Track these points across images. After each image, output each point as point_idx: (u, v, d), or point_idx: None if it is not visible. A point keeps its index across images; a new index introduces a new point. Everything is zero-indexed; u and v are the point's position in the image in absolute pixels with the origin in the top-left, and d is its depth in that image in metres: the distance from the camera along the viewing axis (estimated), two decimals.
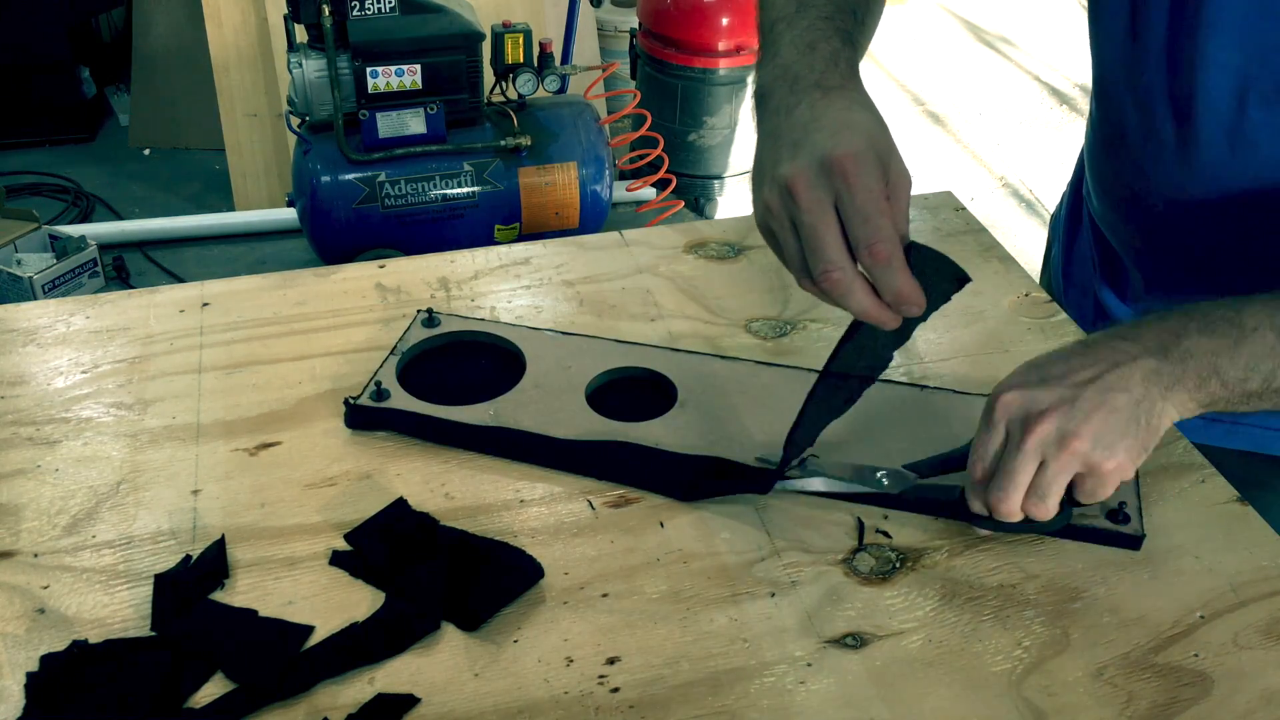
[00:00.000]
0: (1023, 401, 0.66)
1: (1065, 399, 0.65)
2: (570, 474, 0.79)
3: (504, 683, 0.64)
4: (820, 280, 0.64)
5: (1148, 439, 0.66)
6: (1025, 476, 0.66)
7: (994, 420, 0.67)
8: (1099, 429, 0.64)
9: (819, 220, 0.63)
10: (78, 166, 3.28)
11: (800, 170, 0.63)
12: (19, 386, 0.88)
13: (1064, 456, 0.64)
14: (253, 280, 1.01)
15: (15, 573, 0.71)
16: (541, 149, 2.44)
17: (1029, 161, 3.48)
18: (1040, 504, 0.66)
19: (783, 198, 0.64)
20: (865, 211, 0.62)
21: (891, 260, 0.62)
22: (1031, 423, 0.65)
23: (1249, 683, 0.64)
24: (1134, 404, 0.65)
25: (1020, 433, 0.65)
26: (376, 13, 2.25)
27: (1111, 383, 0.65)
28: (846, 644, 0.67)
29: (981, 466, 0.68)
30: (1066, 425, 0.64)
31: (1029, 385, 0.66)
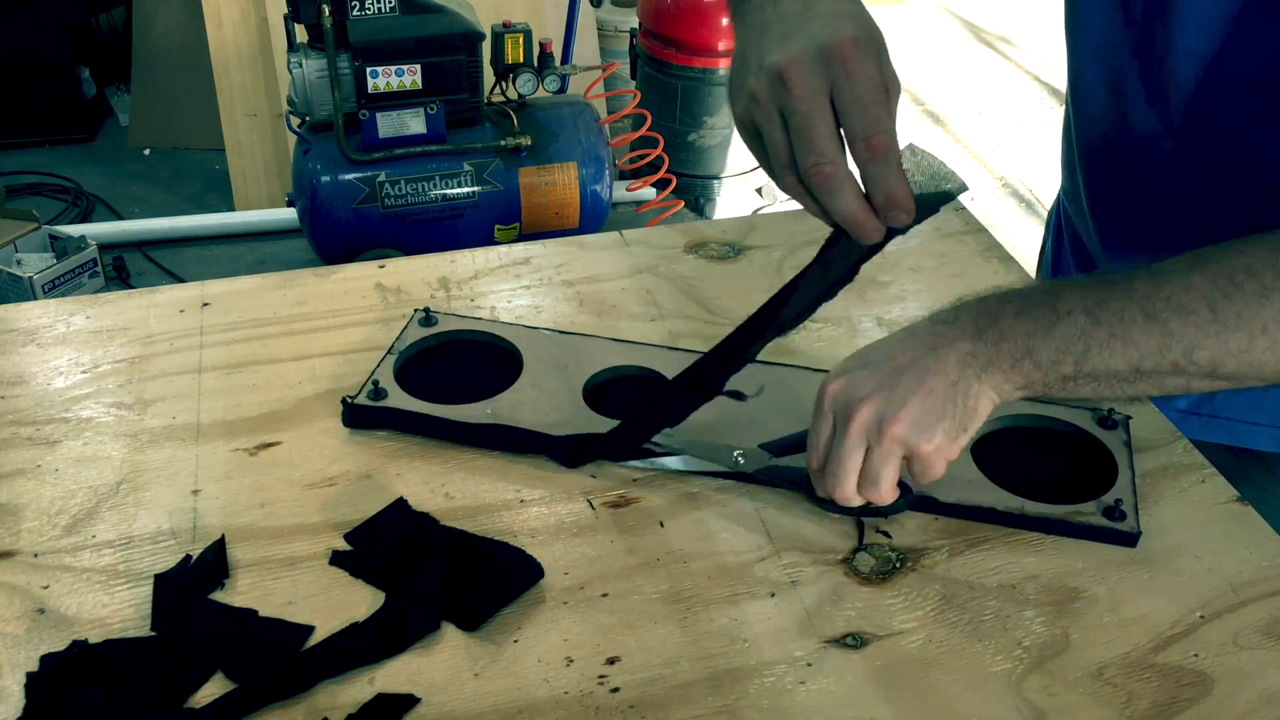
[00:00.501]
0: (845, 389, 0.68)
1: (884, 385, 0.67)
2: (570, 473, 0.79)
3: (504, 683, 0.64)
4: (809, 174, 0.60)
5: (966, 419, 0.67)
6: (854, 463, 0.68)
7: (823, 409, 0.69)
8: (916, 413, 0.66)
9: (813, 108, 0.58)
10: (78, 166, 3.28)
11: (795, 57, 0.59)
12: (19, 386, 0.88)
13: (885, 442, 0.66)
14: (253, 280, 1.01)
15: (15, 573, 0.71)
16: (541, 149, 2.44)
17: (1029, 161, 3.48)
18: (874, 489, 0.69)
19: (773, 86, 0.60)
20: (865, 100, 0.58)
21: (888, 154, 0.60)
22: (853, 409, 0.67)
23: (1249, 683, 0.64)
24: (950, 385, 0.66)
25: (844, 421, 0.67)
26: (376, 13, 2.25)
27: (928, 366, 0.66)
28: (846, 644, 0.67)
29: (816, 455, 0.70)
30: (885, 410, 0.66)
31: (851, 371, 0.68)
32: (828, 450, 0.70)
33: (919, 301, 0.99)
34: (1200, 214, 0.82)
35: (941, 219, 1.12)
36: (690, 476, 0.79)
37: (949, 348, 0.67)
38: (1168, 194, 0.83)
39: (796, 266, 1.03)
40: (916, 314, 0.97)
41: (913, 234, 1.08)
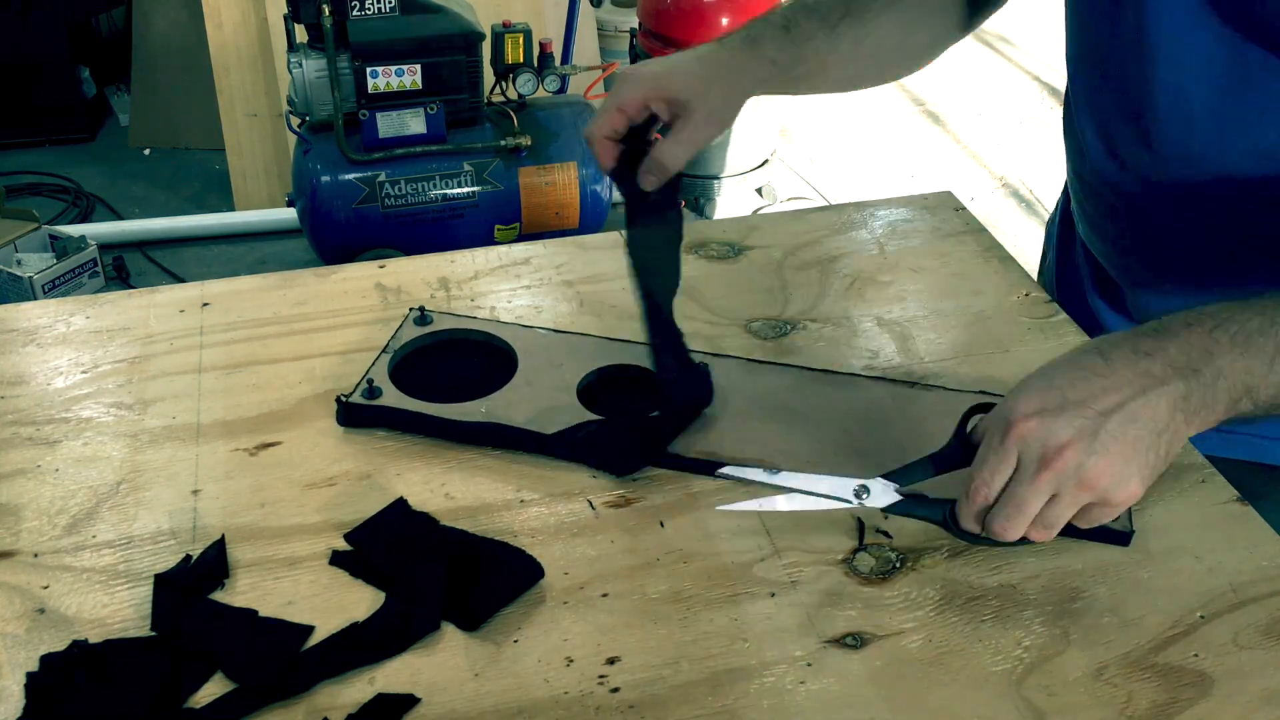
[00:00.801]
0: (1040, 432, 0.61)
1: (1086, 431, 0.61)
2: (569, 472, 0.79)
3: (504, 683, 0.64)
4: None
5: (1162, 465, 0.63)
6: (1035, 508, 0.63)
7: (1006, 449, 0.63)
8: (1117, 464, 0.61)
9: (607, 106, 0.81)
10: (78, 166, 3.28)
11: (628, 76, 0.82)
12: (19, 386, 0.88)
13: (1080, 492, 0.62)
14: (253, 280, 1.01)
15: (15, 573, 0.71)
16: (541, 149, 2.44)
17: (1029, 161, 3.47)
18: (1046, 532, 0.64)
19: None
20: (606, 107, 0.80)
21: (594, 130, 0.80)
22: (1050, 457, 0.61)
23: (1249, 683, 0.64)
24: (1157, 434, 0.61)
25: (1035, 465, 0.62)
26: (376, 13, 2.25)
27: (1136, 413, 0.61)
28: (846, 644, 0.67)
29: (986, 494, 0.64)
30: (1085, 461, 0.61)
31: (1047, 412, 0.62)
32: (1003, 489, 0.63)
33: (919, 301, 0.99)
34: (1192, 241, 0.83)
35: (941, 219, 1.12)
36: (690, 477, 0.79)
37: (1160, 390, 0.61)
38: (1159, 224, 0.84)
39: (797, 266, 1.04)
40: (916, 314, 0.97)
41: (913, 234, 1.09)
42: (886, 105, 3.89)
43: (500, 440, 0.80)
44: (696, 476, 0.79)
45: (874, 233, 1.10)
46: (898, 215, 1.13)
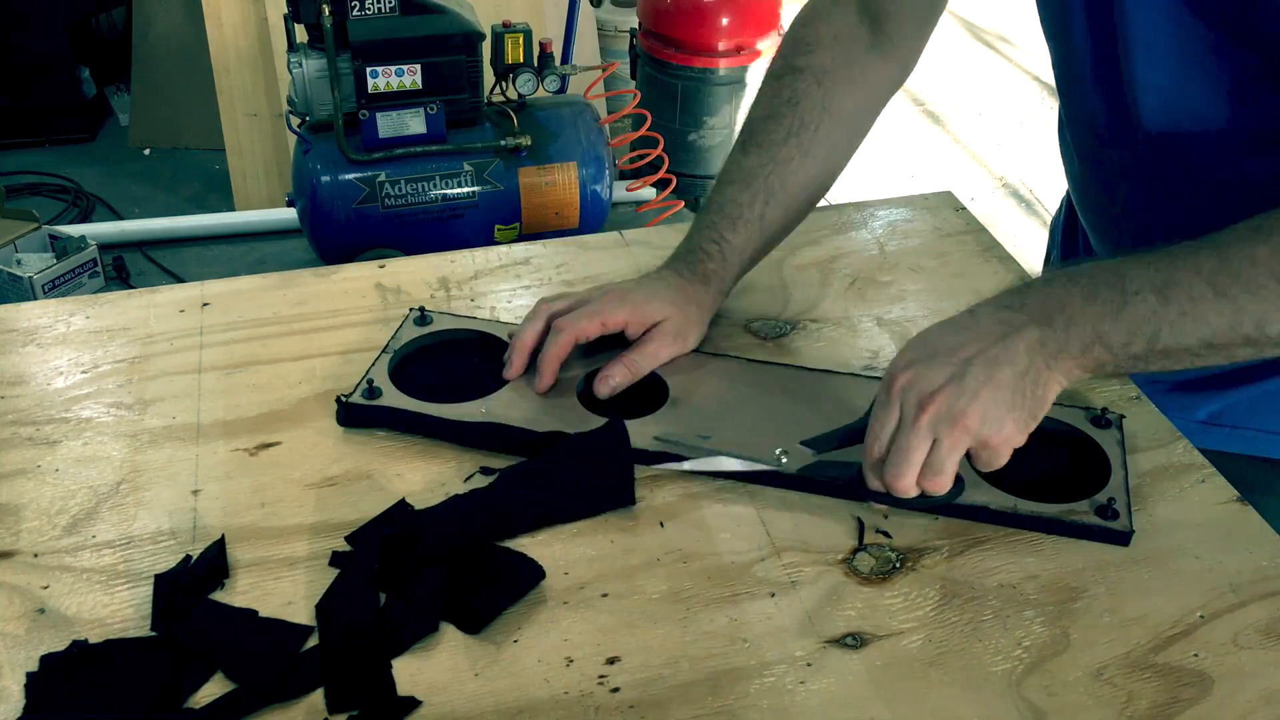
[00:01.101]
0: (914, 380, 0.69)
1: (954, 376, 0.67)
2: None
3: (504, 683, 0.64)
4: None
5: (1035, 408, 0.68)
6: (920, 454, 0.69)
7: (889, 400, 0.70)
8: (987, 405, 0.67)
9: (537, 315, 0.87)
10: (78, 166, 3.28)
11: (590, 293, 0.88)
12: (19, 386, 0.88)
13: (955, 434, 0.67)
14: (253, 280, 1.01)
15: (15, 573, 0.71)
16: (541, 149, 2.44)
17: (1029, 161, 3.48)
18: (936, 479, 0.69)
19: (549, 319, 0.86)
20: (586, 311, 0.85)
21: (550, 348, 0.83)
22: (924, 402, 0.68)
23: (1249, 683, 0.64)
24: (1019, 376, 0.67)
25: (914, 412, 0.68)
26: (376, 13, 2.25)
27: (997, 356, 0.67)
28: (846, 644, 0.67)
29: (878, 445, 0.70)
30: (956, 404, 0.67)
31: (919, 362, 0.69)
32: (891, 441, 0.70)
33: (919, 301, 0.99)
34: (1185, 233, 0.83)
35: (941, 219, 1.12)
36: (692, 477, 0.79)
37: (1017, 336, 0.67)
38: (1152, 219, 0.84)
39: (797, 266, 1.04)
40: (916, 314, 0.97)
41: (913, 234, 1.09)
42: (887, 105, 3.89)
43: (499, 441, 0.80)
44: (697, 476, 0.78)
45: (874, 233, 1.10)
46: (898, 215, 1.13)
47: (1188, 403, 0.90)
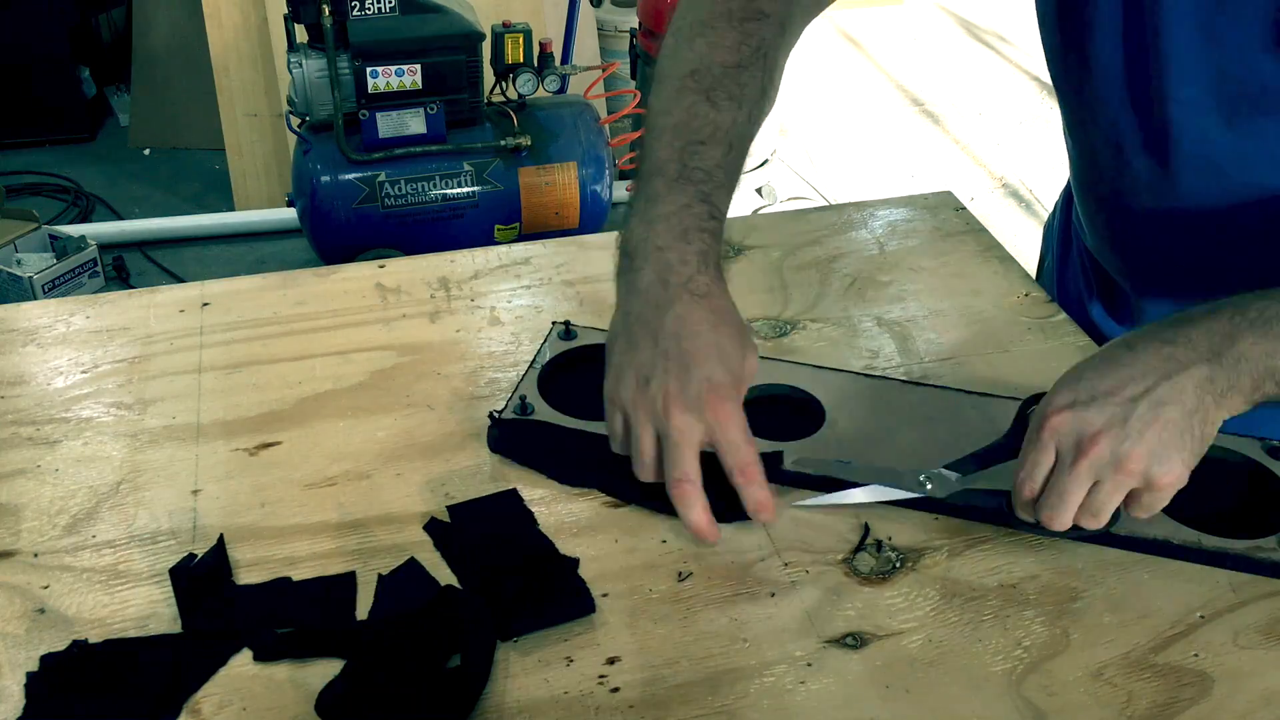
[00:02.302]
0: (1073, 424, 0.65)
1: (1117, 419, 0.64)
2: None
3: (504, 683, 0.64)
4: (672, 487, 0.71)
5: (1200, 447, 0.65)
6: (1078, 497, 0.66)
7: (1043, 442, 0.66)
8: (1153, 446, 0.64)
9: (685, 442, 0.70)
10: (78, 166, 3.28)
11: (675, 397, 0.70)
12: (19, 386, 0.88)
13: (1120, 477, 0.65)
14: (253, 280, 1.01)
15: (15, 573, 0.71)
16: (541, 149, 2.44)
17: (1029, 161, 3.48)
18: (1094, 519, 0.67)
19: (655, 414, 0.70)
20: (736, 445, 0.70)
21: (757, 478, 0.71)
22: (1084, 445, 0.64)
23: (1249, 683, 0.64)
24: (1187, 415, 0.64)
25: (1072, 455, 0.65)
26: (376, 13, 2.25)
27: (1164, 396, 0.64)
28: (846, 644, 0.66)
29: (1031, 487, 0.68)
30: (1120, 447, 0.64)
31: (1078, 405, 0.65)
32: (1046, 481, 0.67)
33: (919, 301, 0.99)
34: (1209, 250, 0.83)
35: (942, 219, 1.12)
36: None
37: (1184, 374, 0.64)
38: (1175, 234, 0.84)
39: (797, 266, 1.04)
40: (916, 314, 0.97)
41: (913, 234, 1.09)
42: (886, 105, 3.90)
43: None
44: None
45: (874, 233, 1.10)
46: (898, 215, 1.13)
47: None
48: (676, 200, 0.75)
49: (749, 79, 0.80)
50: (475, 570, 0.71)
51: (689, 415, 0.69)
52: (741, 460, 0.70)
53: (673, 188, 0.76)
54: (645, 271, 0.73)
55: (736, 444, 0.70)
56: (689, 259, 0.73)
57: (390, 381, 0.88)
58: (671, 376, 0.70)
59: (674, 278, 0.72)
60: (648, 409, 0.71)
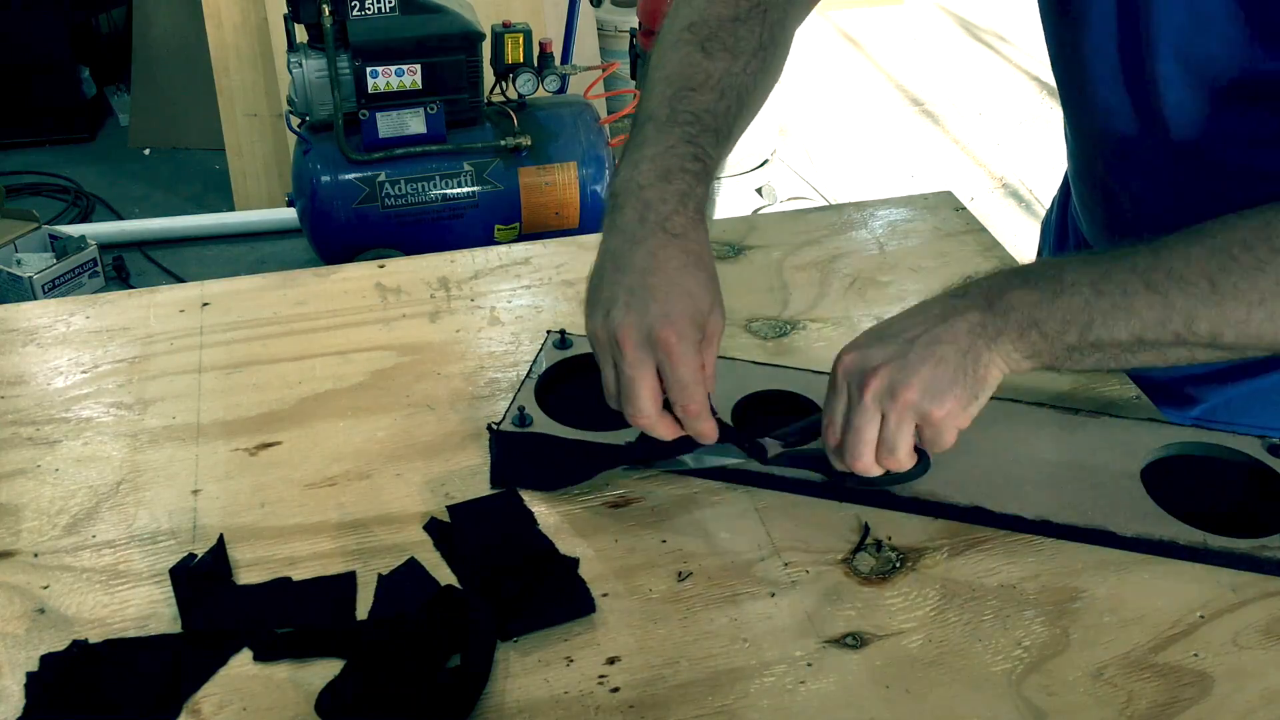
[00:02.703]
0: (858, 360, 0.70)
1: (896, 354, 0.69)
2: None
3: (504, 683, 0.64)
4: (629, 418, 0.72)
5: (976, 388, 0.69)
6: (871, 432, 0.70)
7: (837, 383, 0.71)
8: (927, 380, 0.68)
9: (638, 376, 0.70)
10: (78, 166, 3.28)
11: (629, 329, 0.70)
12: (19, 386, 0.88)
13: (898, 408, 0.68)
14: (253, 280, 1.01)
15: (15, 573, 0.71)
16: (541, 149, 2.44)
17: (1029, 161, 3.48)
18: (891, 456, 0.70)
19: (611, 344, 0.71)
20: (683, 382, 0.70)
21: (700, 414, 0.72)
22: (866, 379, 0.69)
23: (1249, 683, 0.64)
24: (960, 354, 0.68)
25: (859, 390, 0.69)
26: (376, 12, 2.25)
27: (939, 335, 0.69)
28: (846, 644, 0.67)
29: (834, 431, 0.72)
30: (897, 378, 0.68)
31: (863, 346, 0.71)
32: (844, 423, 0.71)
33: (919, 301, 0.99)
34: None
35: (942, 219, 1.12)
36: (691, 477, 0.79)
37: (959, 318, 0.69)
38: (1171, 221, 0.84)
39: (797, 266, 1.04)
40: None
41: (913, 234, 1.09)
42: (886, 105, 3.90)
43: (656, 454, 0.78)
44: (697, 477, 0.78)
45: (874, 233, 1.10)
46: (898, 215, 1.13)
47: (1181, 399, 0.90)
48: (662, 143, 0.75)
49: (745, 32, 0.81)
50: (475, 570, 0.71)
51: (641, 350, 0.70)
52: (686, 399, 0.71)
53: (661, 130, 0.76)
54: (626, 210, 0.74)
55: (684, 383, 0.70)
56: (668, 198, 0.73)
57: (390, 381, 0.88)
58: (631, 311, 0.70)
59: (652, 215, 0.73)
60: (606, 341, 0.71)
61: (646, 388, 0.70)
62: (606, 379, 0.73)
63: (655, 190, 0.74)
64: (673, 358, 0.69)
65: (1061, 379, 0.88)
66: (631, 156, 0.76)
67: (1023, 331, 0.68)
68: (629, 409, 0.71)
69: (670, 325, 0.69)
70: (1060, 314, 0.67)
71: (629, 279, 0.71)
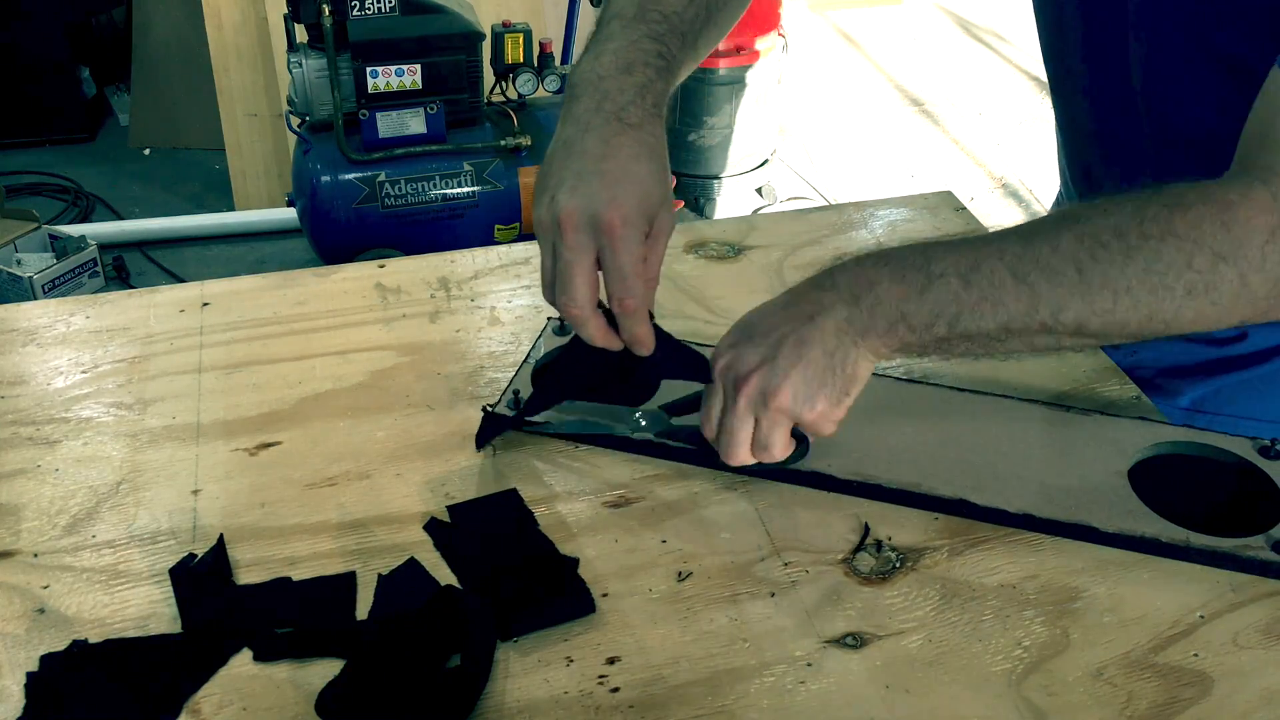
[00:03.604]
0: (732, 362, 0.70)
1: (767, 357, 0.69)
2: (569, 473, 0.79)
3: (504, 682, 0.64)
4: (560, 309, 0.71)
5: (847, 385, 0.70)
6: (745, 434, 0.71)
7: (714, 383, 0.72)
8: (797, 384, 0.68)
9: (575, 261, 0.68)
10: (78, 166, 3.28)
11: (572, 211, 0.68)
12: (19, 386, 0.88)
13: (771, 413, 0.69)
14: (253, 280, 1.01)
15: (15, 573, 0.71)
16: (541, 149, 2.44)
17: (1029, 161, 3.48)
18: (766, 453, 0.72)
19: (553, 227, 0.69)
20: (623, 271, 0.69)
21: (636, 312, 0.70)
22: (740, 383, 0.69)
23: (1249, 683, 0.64)
24: (828, 355, 0.68)
25: (733, 394, 0.70)
26: (376, 12, 2.25)
27: (806, 336, 0.68)
28: (846, 644, 0.67)
29: (710, 427, 0.73)
30: (768, 384, 0.68)
31: (737, 345, 0.71)
32: (720, 423, 0.72)
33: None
34: None
35: (942, 219, 1.12)
36: (690, 477, 0.79)
37: (826, 316, 0.68)
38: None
39: (797, 266, 1.04)
40: None
41: (913, 234, 1.09)
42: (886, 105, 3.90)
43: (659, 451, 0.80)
44: (697, 477, 0.78)
45: (874, 233, 1.10)
46: (898, 215, 1.13)
47: (1171, 389, 0.90)
48: (627, 37, 0.74)
49: None
50: (475, 570, 0.71)
51: (582, 234, 0.68)
52: (624, 290, 0.69)
53: (627, 27, 0.75)
54: (583, 99, 0.72)
55: (623, 272, 0.68)
56: (626, 89, 0.72)
57: (390, 381, 0.88)
58: (576, 194, 0.68)
59: (608, 105, 0.71)
60: (549, 225, 0.69)
61: (582, 274, 0.68)
62: (544, 266, 0.71)
63: (614, 81, 0.72)
64: (614, 243, 0.68)
65: (1059, 380, 0.88)
66: (594, 49, 0.75)
67: (890, 326, 0.68)
68: (562, 297, 0.69)
69: (616, 210, 0.68)
70: (929, 307, 0.67)
71: (577, 164, 0.69)
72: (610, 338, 0.72)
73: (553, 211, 0.69)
